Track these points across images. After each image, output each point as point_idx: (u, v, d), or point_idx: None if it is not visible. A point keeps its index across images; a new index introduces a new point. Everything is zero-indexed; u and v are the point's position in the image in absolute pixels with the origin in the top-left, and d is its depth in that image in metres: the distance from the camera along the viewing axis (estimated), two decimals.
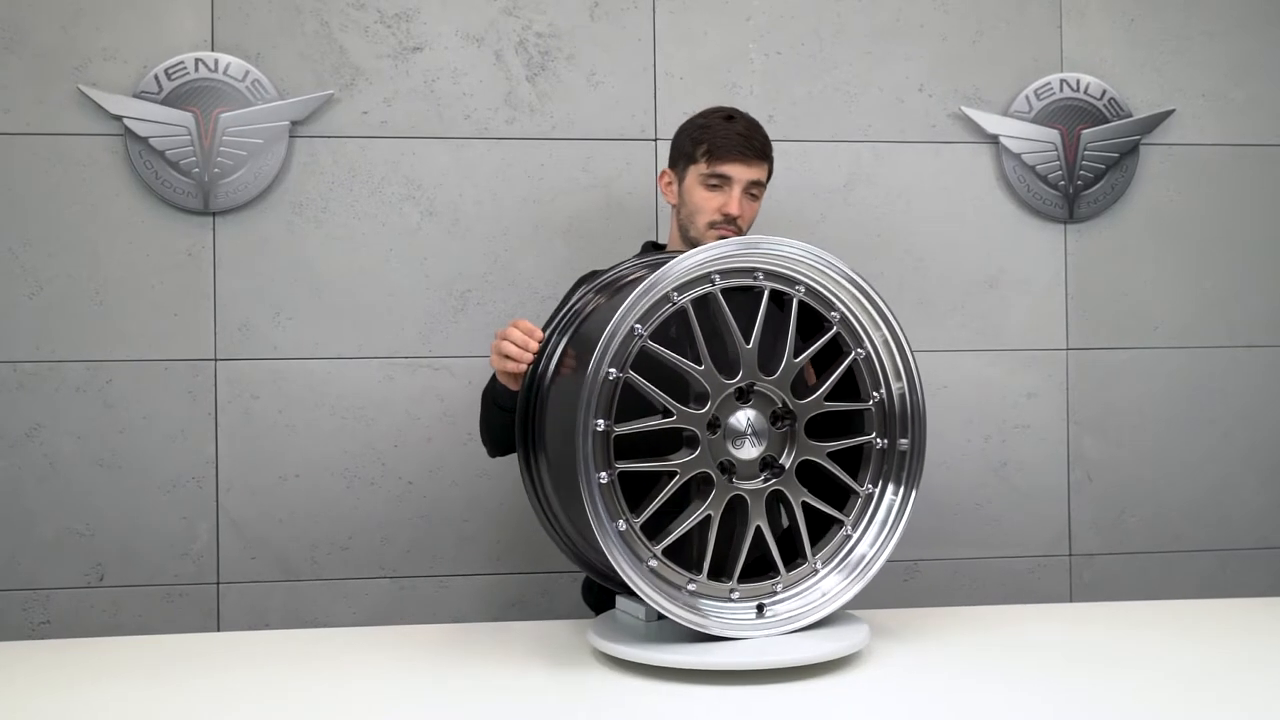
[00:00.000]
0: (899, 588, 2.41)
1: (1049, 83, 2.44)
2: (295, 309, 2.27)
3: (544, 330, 1.56)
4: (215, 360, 2.25)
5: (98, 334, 2.22)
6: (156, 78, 2.22)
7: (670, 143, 1.89)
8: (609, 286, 1.55)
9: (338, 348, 2.28)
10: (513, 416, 1.57)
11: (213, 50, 2.25)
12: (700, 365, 1.40)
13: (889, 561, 2.30)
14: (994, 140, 2.43)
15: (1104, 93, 2.45)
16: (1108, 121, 2.45)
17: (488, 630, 1.65)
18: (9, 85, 2.20)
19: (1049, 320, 2.46)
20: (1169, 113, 2.47)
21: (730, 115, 1.82)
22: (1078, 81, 2.45)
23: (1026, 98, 2.44)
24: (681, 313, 1.40)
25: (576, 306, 1.55)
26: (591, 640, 1.46)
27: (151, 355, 2.23)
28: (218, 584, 2.26)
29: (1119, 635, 1.60)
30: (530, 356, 1.51)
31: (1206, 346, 2.49)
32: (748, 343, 1.43)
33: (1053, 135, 2.44)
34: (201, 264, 2.25)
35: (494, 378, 1.65)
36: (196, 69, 2.23)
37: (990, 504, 2.45)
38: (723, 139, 1.78)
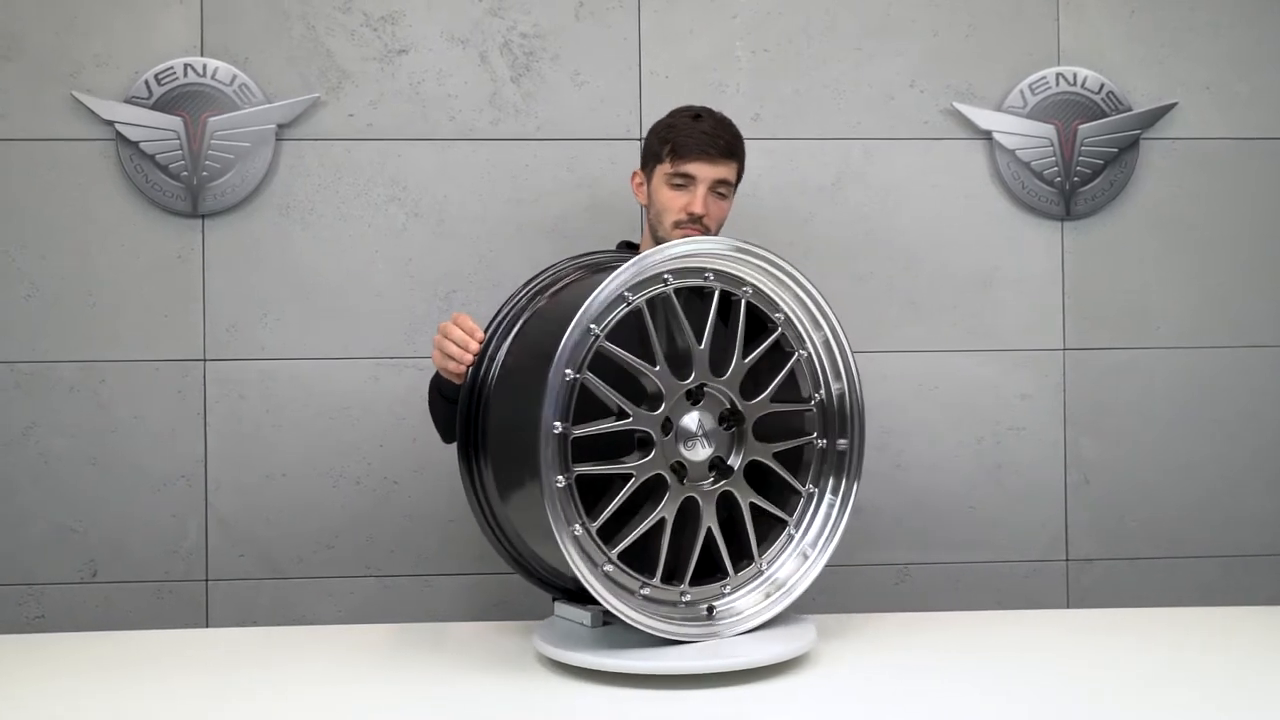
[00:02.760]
0: (889, 592, 2.38)
1: (1044, 77, 2.38)
2: (282, 310, 2.30)
3: (486, 328, 1.55)
4: (204, 360, 2.29)
5: (90, 335, 2.27)
6: (147, 83, 2.26)
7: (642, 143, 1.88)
8: (548, 288, 1.55)
9: (324, 348, 2.31)
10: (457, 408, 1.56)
11: (202, 55, 2.28)
12: (655, 365, 1.39)
13: (879, 565, 2.28)
14: (987, 136, 2.39)
15: (1102, 86, 2.39)
16: (1106, 116, 2.39)
17: (456, 630, 1.67)
18: (6, 92, 2.25)
19: (1045, 320, 2.41)
20: (1171, 106, 2.41)
21: (698, 114, 1.80)
22: (1074, 75, 2.39)
23: (1021, 92, 2.39)
24: (636, 313, 1.39)
25: (518, 306, 1.54)
26: (537, 645, 1.46)
27: (142, 356, 2.27)
28: (206, 581, 2.29)
29: (1113, 642, 1.55)
30: (470, 358, 1.51)
31: (1209, 346, 2.42)
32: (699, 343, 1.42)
33: (1048, 130, 2.38)
34: (191, 266, 2.29)
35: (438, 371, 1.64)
36: (185, 74, 2.27)
37: (984, 507, 2.40)
38: (687, 138, 1.76)
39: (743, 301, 1.46)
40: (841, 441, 1.52)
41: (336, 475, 2.31)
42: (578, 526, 1.35)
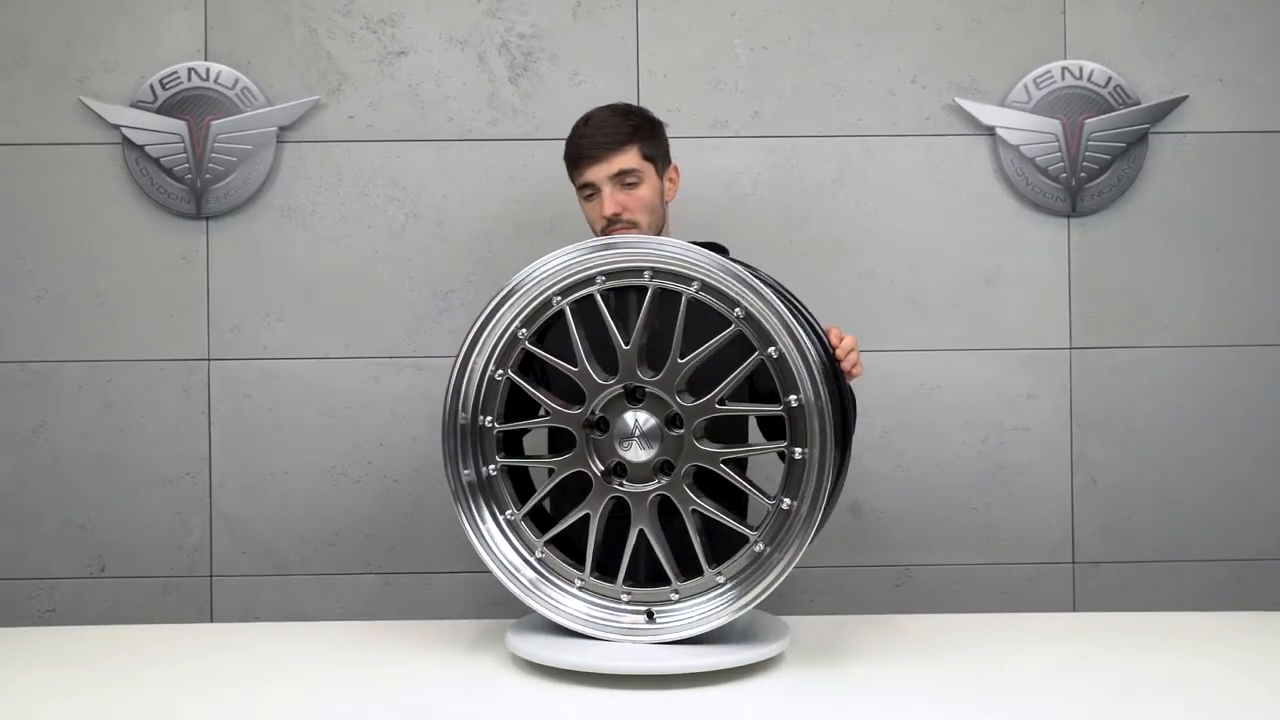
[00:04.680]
0: (889, 594, 2.35)
1: (1049, 71, 2.34)
2: (284, 310, 2.33)
3: None
4: (208, 360, 2.32)
5: (98, 335, 2.31)
6: (152, 87, 2.30)
7: None
8: None
9: (325, 348, 2.34)
10: None
11: (205, 59, 2.32)
12: (576, 366, 1.42)
13: (879, 567, 2.25)
14: (990, 132, 2.35)
15: (1109, 80, 2.35)
16: (1113, 110, 2.35)
17: (455, 628, 1.71)
18: (16, 98, 2.30)
19: (1050, 318, 2.37)
20: (1181, 99, 2.35)
21: (586, 119, 1.79)
22: (1080, 69, 2.35)
23: (1025, 87, 2.35)
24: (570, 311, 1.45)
25: None
26: (507, 642, 1.47)
27: (148, 355, 2.32)
28: (211, 577, 2.33)
29: (1119, 647, 1.52)
30: None
31: (1219, 345, 2.36)
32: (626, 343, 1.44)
33: (1053, 125, 2.34)
34: (195, 267, 2.33)
35: None
36: (189, 78, 2.30)
37: (988, 508, 2.37)
38: (574, 149, 1.77)
39: (683, 298, 1.44)
40: (799, 450, 1.43)
41: (338, 474, 2.34)
42: (509, 513, 1.45)
